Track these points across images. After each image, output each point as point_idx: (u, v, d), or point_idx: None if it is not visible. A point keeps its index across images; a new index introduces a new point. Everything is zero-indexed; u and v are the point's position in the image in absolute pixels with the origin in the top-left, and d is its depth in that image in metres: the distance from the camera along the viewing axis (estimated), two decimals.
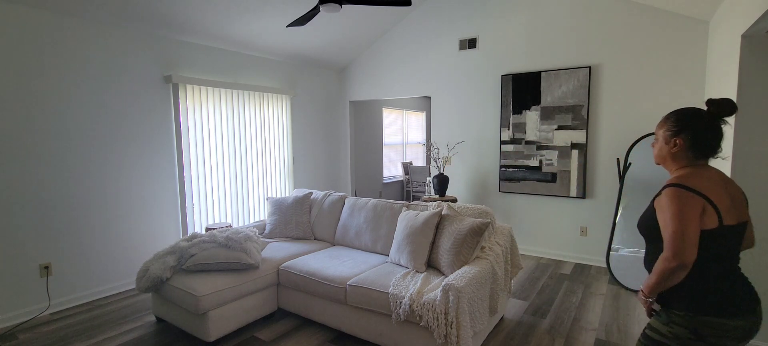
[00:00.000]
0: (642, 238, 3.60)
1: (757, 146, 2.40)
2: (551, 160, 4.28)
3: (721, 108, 1.31)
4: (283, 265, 3.01)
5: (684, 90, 3.61)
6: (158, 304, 2.89)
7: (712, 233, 1.26)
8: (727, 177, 1.35)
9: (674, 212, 1.25)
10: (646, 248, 1.45)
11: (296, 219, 3.63)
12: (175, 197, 4.00)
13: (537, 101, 4.31)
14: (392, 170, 8.27)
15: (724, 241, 1.28)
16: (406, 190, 8.26)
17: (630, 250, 3.60)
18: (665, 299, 1.34)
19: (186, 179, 4.03)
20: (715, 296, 1.27)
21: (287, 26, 3.25)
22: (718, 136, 1.33)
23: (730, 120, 2.47)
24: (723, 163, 2.64)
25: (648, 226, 1.39)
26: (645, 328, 1.40)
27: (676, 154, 1.38)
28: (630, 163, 3.70)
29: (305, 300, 2.90)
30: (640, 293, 1.38)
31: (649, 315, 1.40)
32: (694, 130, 1.34)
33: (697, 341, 1.26)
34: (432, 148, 5.13)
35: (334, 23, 4.61)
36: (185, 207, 4.03)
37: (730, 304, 1.26)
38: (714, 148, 1.34)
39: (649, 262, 1.42)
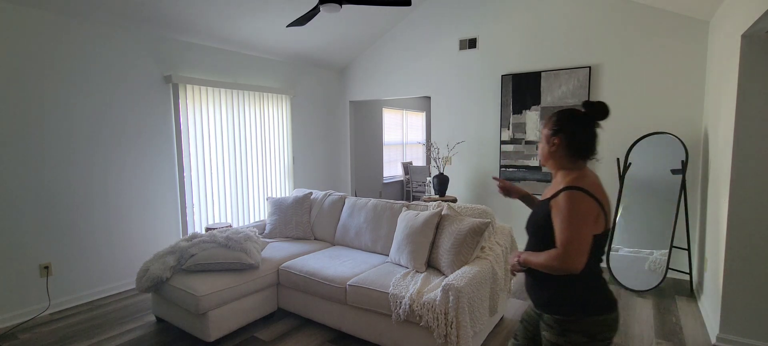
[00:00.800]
0: (642, 238, 3.61)
1: (757, 146, 2.40)
2: None
3: (595, 110, 1.36)
4: (283, 265, 3.01)
5: (684, 90, 3.61)
6: (158, 304, 2.89)
7: (601, 237, 1.32)
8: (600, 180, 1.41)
9: (572, 216, 1.26)
10: (532, 244, 1.45)
11: (296, 219, 3.63)
12: (175, 197, 4.00)
13: (537, 101, 4.31)
14: (392, 170, 8.26)
15: (605, 243, 1.36)
16: (406, 190, 8.26)
17: (630, 250, 3.60)
18: (555, 307, 1.36)
19: (186, 179, 4.03)
20: (598, 295, 1.34)
21: (287, 26, 3.25)
22: (593, 138, 1.38)
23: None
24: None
25: (540, 226, 1.39)
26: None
27: (555, 153, 1.42)
28: (630, 163, 3.70)
29: (305, 300, 2.90)
30: (518, 256, 1.43)
31: (513, 274, 1.46)
32: (571, 130, 1.38)
33: (591, 342, 1.31)
34: (432, 148, 5.13)
35: (334, 23, 4.61)
36: (185, 207, 4.03)
37: (608, 299, 1.35)
38: (589, 150, 1.39)
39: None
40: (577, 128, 1.37)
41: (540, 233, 1.39)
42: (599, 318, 1.31)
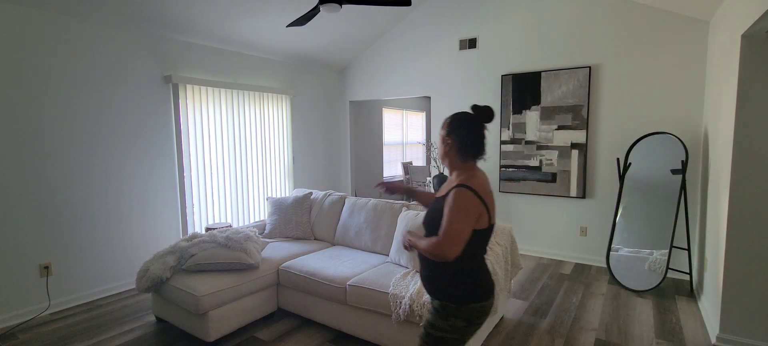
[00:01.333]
0: (642, 238, 3.61)
1: (757, 146, 2.40)
2: (551, 160, 4.28)
3: (481, 114, 1.49)
4: (283, 265, 3.01)
5: (684, 90, 3.61)
6: (158, 304, 2.89)
7: (484, 232, 1.47)
8: (488, 179, 1.55)
9: (456, 211, 1.39)
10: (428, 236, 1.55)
11: (296, 219, 3.63)
12: (175, 197, 4.00)
13: (537, 101, 4.31)
14: (392, 170, 8.26)
15: (489, 237, 1.51)
16: None
17: (630, 250, 3.60)
18: (443, 294, 1.50)
19: (186, 179, 4.03)
20: (480, 285, 1.49)
21: (287, 26, 3.25)
22: (481, 139, 1.51)
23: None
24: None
25: (435, 221, 1.49)
26: (427, 328, 1.53)
27: (449, 153, 1.54)
28: (630, 163, 3.70)
29: (305, 300, 2.90)
30: (410, 237, 1.52)
31: (406, 248, 1.55)
32: (462, 132, 1.50)
33: (468, 326, 1.48)
34: (432, 148, 5.13)
35: (334, 23, 4.61)
36: (185, 207, 4.03)
37: (487, 288, 1.50)
38: (478, 151, 1.51)
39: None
40: (467, 130, 1.50)
41: (435, 226, 1.49)
42: (478, 305, 1.47)
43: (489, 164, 4.74)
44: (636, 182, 3.65)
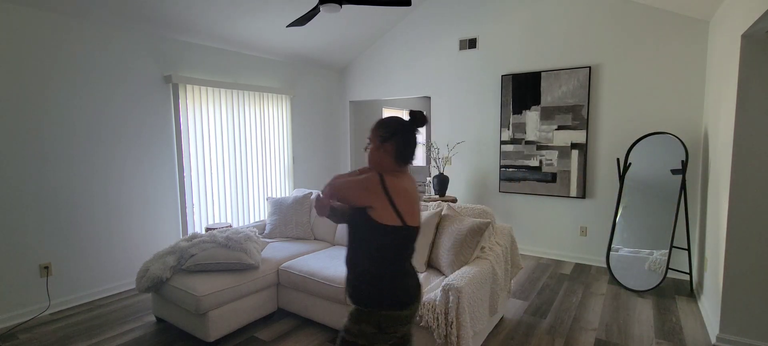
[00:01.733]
0: (642, 238, 3.61)
1: (757, 146, 2.40)
2: (551, 160, 4.28)
3: (416, 119, 1.52)
4: (283, 265, 3.01)
5: (684, 90, 3.61)
6: (158, 304, 2.89)
7: (396, 230, 1.44)
8: (413, 184, 1.56)
9: (355, 182, 1.43)
10: (348, 232, 1.57)
11: (296, 219, 3.63)
12: (175, 197, 4.00)
13: (537, 101, 4.31)
14: None
15: (408, 239, 1.48)
16: None
17: (630, 250, 3.60)
18: (356, 299, 1.48)
19: (186, 179, 4.03)
20: (395, 292, 1.46)
21: (287, 26, 3.25)
22: (415, 144, 1.55)
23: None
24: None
25: (354, 216, 1.52)
26: (341, 332, 1.51)
27: (384, 158, 1.53)
28: (630, 164, 3.70)
29: (305, 300, 2.90)
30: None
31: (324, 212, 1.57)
32: (400, 137, 1.51)
33: (379, 333, 1.44)
34: (432, 149, 5.13)
35: (334, 23, 4.61)
36: (185, 207, 4.03)
37: (405, 297, 1.47)
38: (412, 155, 1.54)
39: (350, 257, 1.53)
40: (406, 136, 1.51)
41: (352, 217, 1.51)
42: (390, 313, 1.44)
43: (489, 164, 4.74)
44: (636, 182, 3.65)
